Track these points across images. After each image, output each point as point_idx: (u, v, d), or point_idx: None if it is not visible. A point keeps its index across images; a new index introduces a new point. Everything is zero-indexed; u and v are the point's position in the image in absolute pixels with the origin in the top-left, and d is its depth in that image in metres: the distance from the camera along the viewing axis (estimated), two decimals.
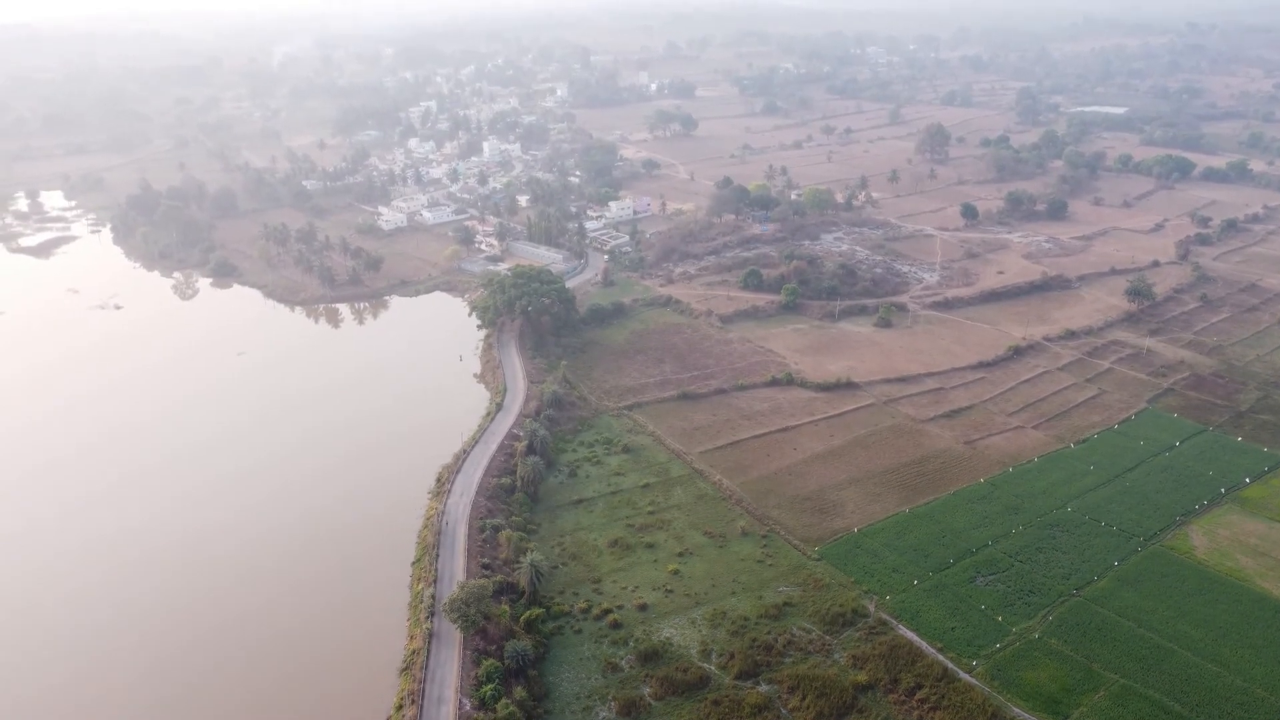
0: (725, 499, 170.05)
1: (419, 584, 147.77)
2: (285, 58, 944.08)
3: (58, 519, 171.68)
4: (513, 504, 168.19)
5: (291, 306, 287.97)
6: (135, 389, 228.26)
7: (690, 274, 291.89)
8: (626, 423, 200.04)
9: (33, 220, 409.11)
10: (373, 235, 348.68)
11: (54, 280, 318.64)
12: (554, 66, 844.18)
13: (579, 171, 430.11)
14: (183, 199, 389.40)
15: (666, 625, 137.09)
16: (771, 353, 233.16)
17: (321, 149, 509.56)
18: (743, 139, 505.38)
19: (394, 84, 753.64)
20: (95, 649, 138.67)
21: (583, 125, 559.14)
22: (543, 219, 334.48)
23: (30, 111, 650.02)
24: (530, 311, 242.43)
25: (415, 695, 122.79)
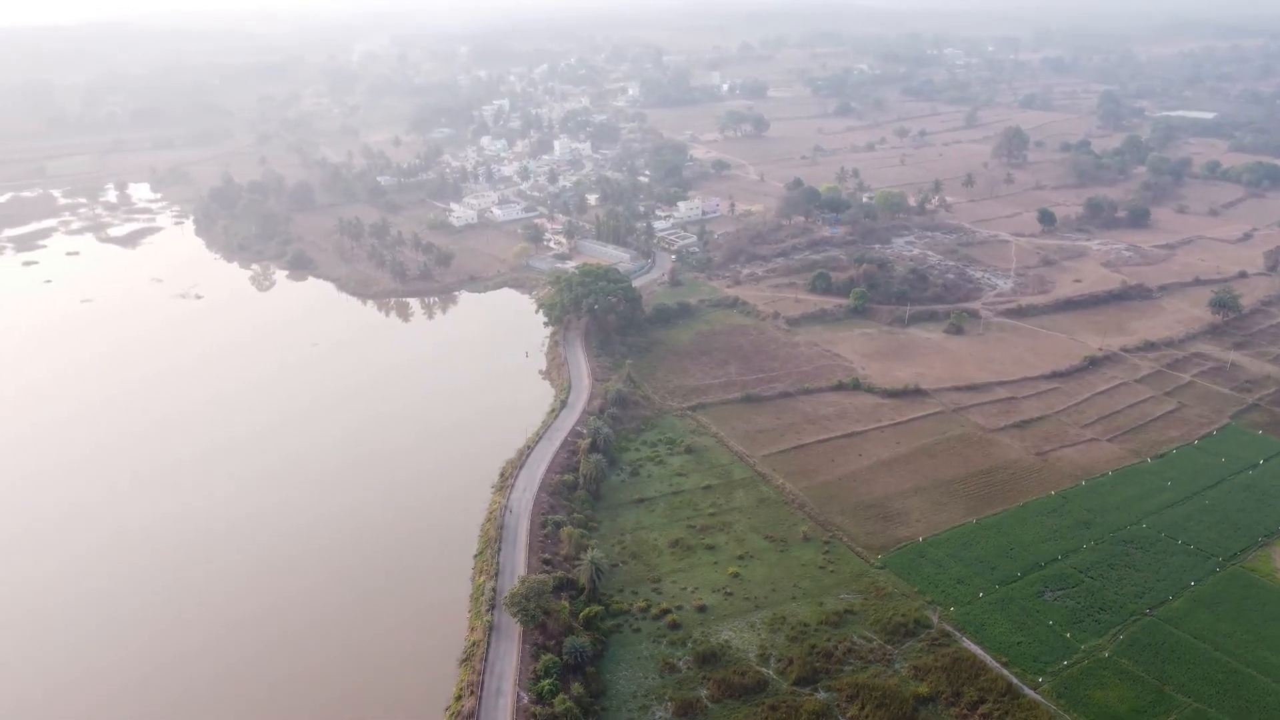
0: (787, 503, 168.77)
1: (480, 576, 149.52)
2: (364, 55, 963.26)
3: (131, 493, 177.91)
4: (575, 501, 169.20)
5: (364, 299, 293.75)
6: (210, 376, 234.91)
7: (758, 275, 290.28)
8: (690, 423, 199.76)
9: (121, 211, 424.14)
10: (444, 231, 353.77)
11: (139, 269, 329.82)
12: (626, 66, 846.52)
13: (648, 171, 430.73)
14: (262, 193, 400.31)
15: (725, 628, 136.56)
16: (838, 357, 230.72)
17: (396, 145, 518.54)
18: (814, 140, 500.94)
19: (468, 82, 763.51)
20: (161, 632, 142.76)
21: (653, 125, 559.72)
22: (611, 218, 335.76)
23: (121, 106, 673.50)
24: (596, 310, 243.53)
25: (475, 686, 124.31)
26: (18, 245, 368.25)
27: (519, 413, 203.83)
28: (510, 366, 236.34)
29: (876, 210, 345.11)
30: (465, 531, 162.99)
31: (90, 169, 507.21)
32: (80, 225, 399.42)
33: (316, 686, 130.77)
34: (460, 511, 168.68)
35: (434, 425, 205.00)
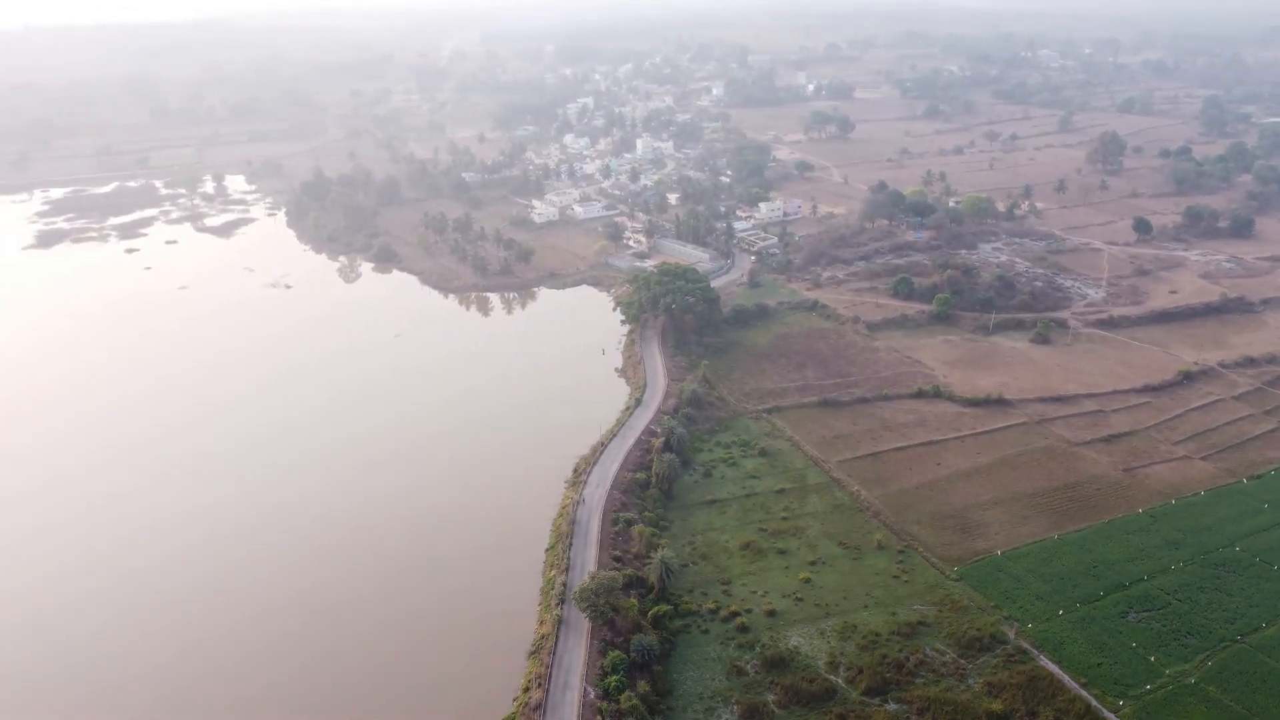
0: (862, 510, 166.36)
1: (551, 570, 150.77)
2: (453, 53, 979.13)
3: (201, 472, 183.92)
4: (646, 499, 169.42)
5: (445, 293, 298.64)
6: (293, 362, 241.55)
7: (838, 279, 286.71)
8: (765, 426, 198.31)
9: (217, 202, 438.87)
10: (525, 227, 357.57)
11: (233, 259, 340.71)
12: (711, 65, 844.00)
13: (730, 171, 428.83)
14: (351, 186, 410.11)
15: (794, 633, 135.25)
16: (919, 363, 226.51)
17: (481, 142, 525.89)
18: (900, 143, 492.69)
19: (554, 80, 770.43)
20: (233, 616, 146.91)
21: (737, 125, 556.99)
22: (691, 217, 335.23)
23: (221, 100, 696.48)
24: (674, 309, 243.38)
25: (542, 679, 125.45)
26: (121, 233, 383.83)
27: (593, 409, 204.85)
28: (586, 363, 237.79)
29: (963, 215, 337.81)
30: (537, 525, 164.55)
31: (190, 161, 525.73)
32: (179, 215, 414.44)
33: (388, 672, 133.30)
34: (533, 505, 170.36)
35: (509, 419, 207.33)
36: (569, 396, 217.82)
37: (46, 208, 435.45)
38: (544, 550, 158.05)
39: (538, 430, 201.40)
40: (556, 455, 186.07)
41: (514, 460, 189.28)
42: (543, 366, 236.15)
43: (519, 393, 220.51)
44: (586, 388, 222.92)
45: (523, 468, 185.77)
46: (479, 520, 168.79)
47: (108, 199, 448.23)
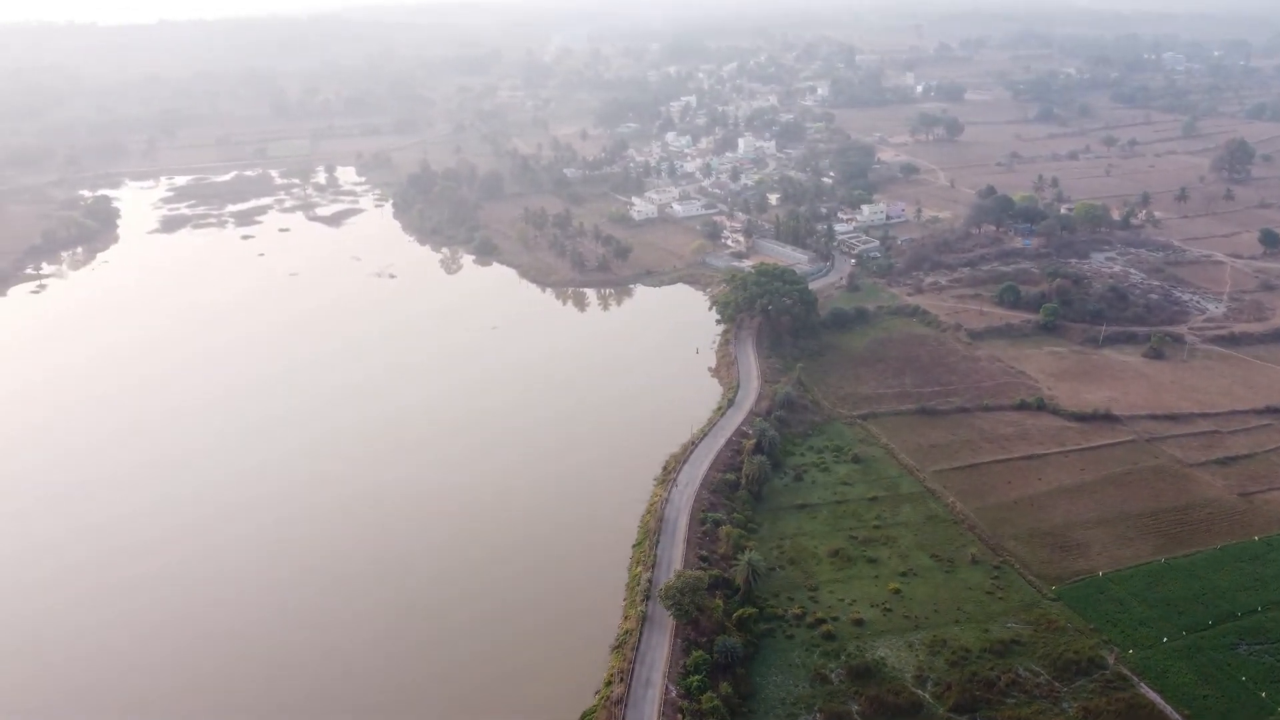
0: (957, 523, 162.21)
1: (637, 567, 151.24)
2: (559, 50, 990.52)
3: (306, 459, 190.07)
4: (735, 501, 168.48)
5: (543, 287, 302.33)
6: (394, 350, 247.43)
7: (941, 285, 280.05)
8: (859, 432, 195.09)
9: (329, 193, 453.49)
10: (623, 224, 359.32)
11: (341, 248, 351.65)
12: (817, 65, 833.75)
13: (833, 172, 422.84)
14: (456, 180, 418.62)
15: (882, 644, 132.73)
16: (1023, 374, 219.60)
17: (584, 139, 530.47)
18: (1011, 146, 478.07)
19: (657, 78, 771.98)
20: (331, 601, 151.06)
21: (841, 125, 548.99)
22: (791, 218, 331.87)
23: (335, 94, 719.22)
24: (770, 310, 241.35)
25: (625, 674, 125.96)
26: (238, 220, 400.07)
27: (685, 408, 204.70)
28: (680, 362, 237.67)
29: (1075, 222, 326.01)
30: (625, 521, 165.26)
31: (304, 152, 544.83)
32: (292, 204, 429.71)
33: (474, 659, 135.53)
34: (622, 500, 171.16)
35: (601, 414, 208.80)
36: (661, 394, 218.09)
37: (171, 194, 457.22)
38: (631, 546, 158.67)
39: (629, 427, 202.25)
40: (647, 452, 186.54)
41: (604, 456, 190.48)
42: (636, 363, 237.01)
43: (611, 389, 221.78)
44: (679, 386, 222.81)
45: (613, 463, 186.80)
46: (568, 513, 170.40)
47: (227, 187, 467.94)
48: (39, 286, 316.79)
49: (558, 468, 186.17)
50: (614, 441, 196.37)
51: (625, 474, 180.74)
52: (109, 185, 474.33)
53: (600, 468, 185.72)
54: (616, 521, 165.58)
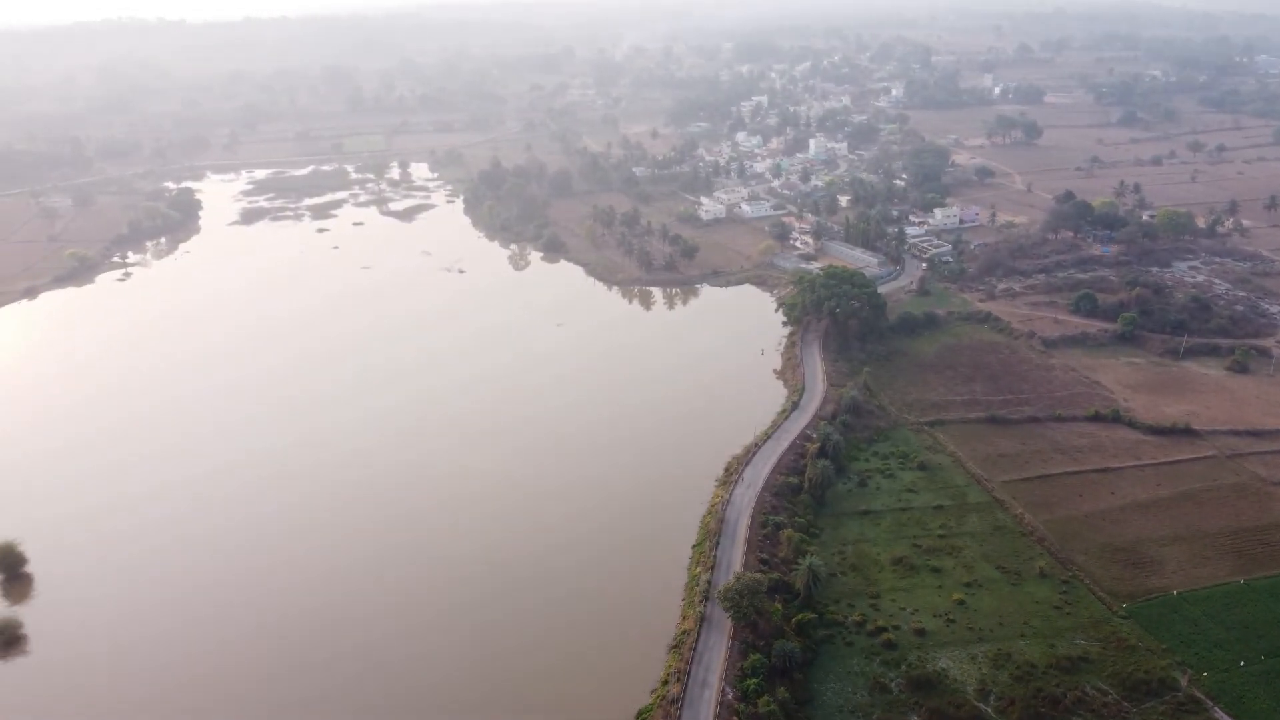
0: (1025, 534, 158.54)
1: (697, 567, 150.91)
2: (631, 49, 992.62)
3: (366, 448, 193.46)
4: (797, 504, 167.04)
5: (609, 285, 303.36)
6: (460, 344, 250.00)
7: (1014, 291, 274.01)
8: (925, 439, 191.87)
9: (402, 188, 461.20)
10: (691, 224, 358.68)
11: (413, 243, 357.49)
12: (892, 65, 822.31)
13: (905, 174, 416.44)
14: (525, 177, 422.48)
15: (944, 655, 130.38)
16: (1098, 385, 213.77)
17: (654, 138, 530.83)
18: (1092, 151, 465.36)
19: (729, 78, 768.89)
20: (377, 595, 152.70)
21: (915, 127, 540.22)
22: (861, 220, 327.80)
23: (410, 91, 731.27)
24: (838, 313, 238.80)
25: (681, 674, 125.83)
26: (314, 214, 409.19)
27: (749, 410, 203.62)
28: (744, 363, 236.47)
29: (1157, 230, 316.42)
30: (686, 520, 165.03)
31: (379, 147, 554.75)
32: (366, 199, 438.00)
33: (529, 654, 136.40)
34: (682, 500, 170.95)
35: (664, 413, 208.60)
36: (725, 395, 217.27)
37: (250, 187, 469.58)
38: (691, 546, 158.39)
39: (692, 427, 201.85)
40: (709, 453, 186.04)
41: (666, 455, 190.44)
42: (700, 363, 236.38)
43: (675, 388, 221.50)
44: (743, 387, 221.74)
45: (675, 463, 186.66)
46: (628, 511, 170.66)
47: (304, 181, 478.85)
48: (125, 274, 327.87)
49: (619, 465, 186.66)
50: (676, 441, 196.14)
51: (687, 474, 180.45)
52: (192, 178, 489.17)
53: (662, 467, 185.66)
54: (676, 521, 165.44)
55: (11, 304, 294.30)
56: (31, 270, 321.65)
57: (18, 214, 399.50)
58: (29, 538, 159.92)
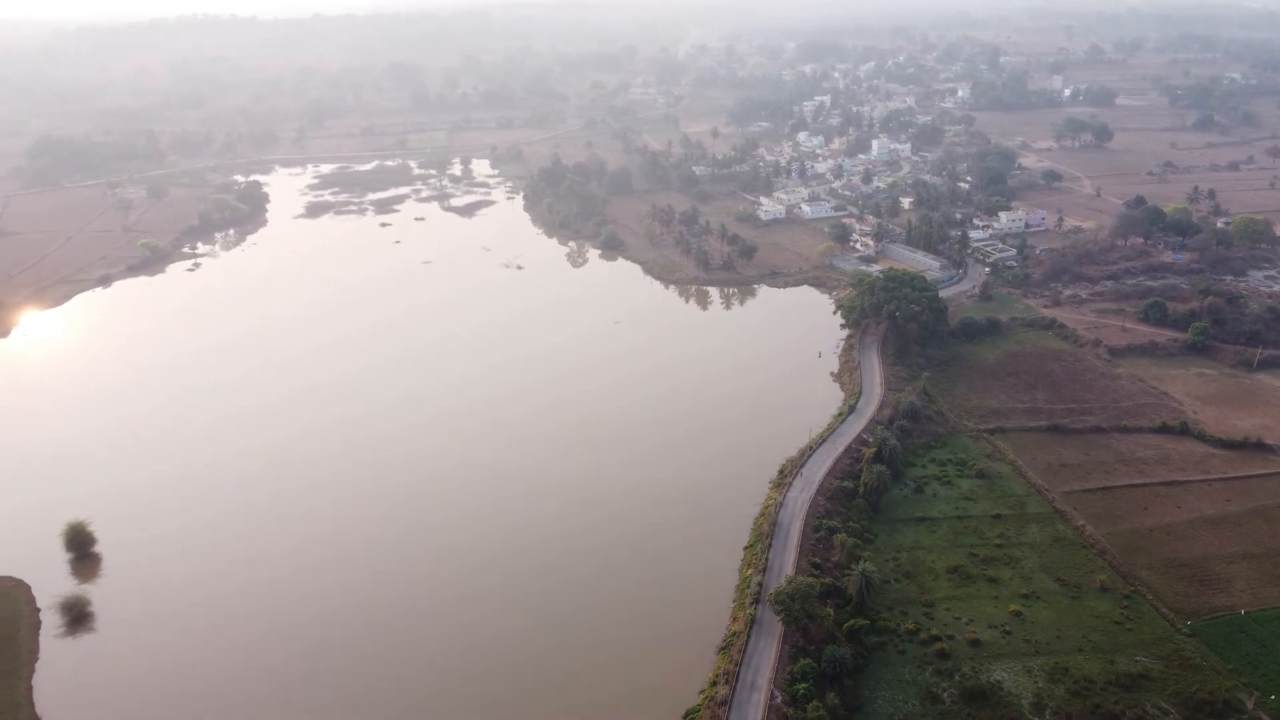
0: (1086, 547, 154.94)
1: (748, 569, 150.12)
2: (693, 48, 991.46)
3: (423, 441, 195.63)
4: (852, 509, 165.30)
5: (667, 284, 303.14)
6: (516, 341, 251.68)
7: (1080, 298, 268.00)
8: (985, 446, 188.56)
9: (463, 184, 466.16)
10: (750, 224, 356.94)
11: (472, 238, 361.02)
12: (958, 66, 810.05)
13: (970, 177, 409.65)
14: (585, 175, 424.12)
15: (999, 667, 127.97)
16: (1166, 396, 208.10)
17: (715, 137, 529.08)
18: (1165, 155, 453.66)
19: (791, 77, 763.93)
20: (426, 591, 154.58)
21: (981, 129, 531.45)
22: (924, 223, 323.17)
23: (473, 88, 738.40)
24: (897, 317, 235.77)
25: (730, 675, 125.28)
26: (377, 208, 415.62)
27: (804, 412, 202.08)
28: (801, 365, 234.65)
29: (1232, 238, 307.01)
30: (738, 522, 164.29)
31: (442, 144, 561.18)
32: (428, 194, 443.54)
33: (577, 649, 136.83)
34: (735, 501, 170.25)
35: (718, 413, 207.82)
36: (781, 397, 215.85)
37: (316, 181, 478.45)
38: (742, 548, 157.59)
39: (746, 428, 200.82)
40: (763, 454, 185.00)
41: (720, 455, 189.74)
42: (756, 365, 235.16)
43: (730, 389, 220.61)
44: (799, 389, 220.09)
45: (728, 463, 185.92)
46: (681, 511, 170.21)
47: (368, 176, 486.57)
48: (194, 265, 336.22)
49: (673, 464, 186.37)
50: (730, 442, 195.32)
51: (740, 475, 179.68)
52: (261, 171, 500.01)
53: (715, 467, 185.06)
54: (728, 522, 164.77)
55: (87, 291, 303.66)
56: (107, 259, 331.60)
57: (95, 204, 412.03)
58: (98, 518, 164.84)
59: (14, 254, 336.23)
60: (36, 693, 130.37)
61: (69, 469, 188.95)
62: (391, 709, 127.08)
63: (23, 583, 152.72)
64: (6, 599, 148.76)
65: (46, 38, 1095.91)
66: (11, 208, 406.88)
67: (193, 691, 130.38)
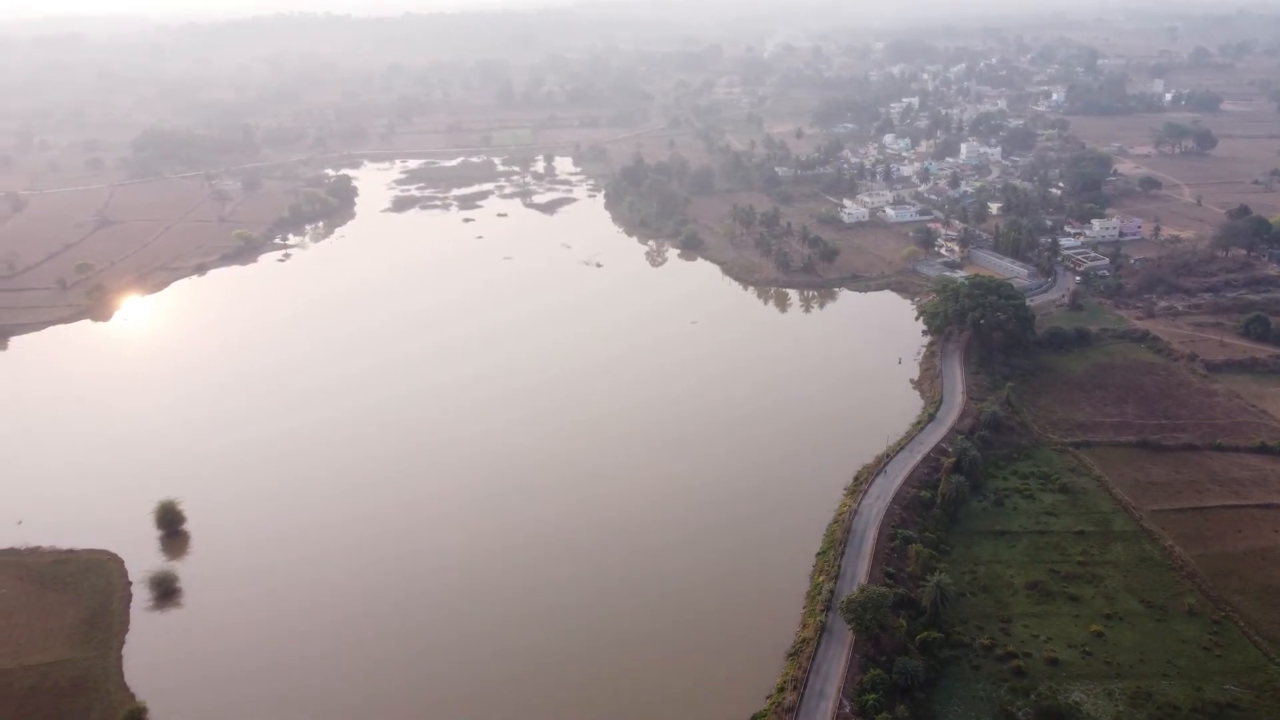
0: (1174, 569, 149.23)
1: (820, 576, 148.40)
2: (779, 47, 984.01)
3: (490, 438, 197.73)
4: (928, 519, 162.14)
5: (745, 285, 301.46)
6: (592, 342, 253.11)
7: (1176, 310, 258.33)
8: (1069, 460, 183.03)
9: (546, 181, 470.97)
10: (832, 226, 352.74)
11: (553, 235, 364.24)
12: (1053, 69, 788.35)
13: (1062, 183, 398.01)
14: (667, 174, 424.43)
15: (1077, 689, 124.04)
16: (1265, 414, 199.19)
17: (798, 138, 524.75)
18: (1272, 163, 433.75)
19: (879, 78, 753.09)
20: (494, 591, 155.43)
21: (1075, 133, 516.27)
22: (1012, 229, 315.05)
23: (559, 86, 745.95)
24: (982, 325, 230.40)
25: (798, 682, 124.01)
26: (461, 203, 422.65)
27: (882, 419, 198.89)
28: (880, 371, 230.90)
29: None
30: (811, 527, 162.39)
31: (526, 141, 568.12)
32: (511, 190, 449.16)
33: (644, 649, 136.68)
34: (809, 506, 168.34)
35: (794, 418, 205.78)
36: (858, 402, 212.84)
37: (403, 176, 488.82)
38: (814, 553, 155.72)
39: (822, 433, 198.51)
40: (838, 460, 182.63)
41: (795, 459, 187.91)
42: (835, 368, 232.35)
43: (807, 392, 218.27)
44: (878, 396, 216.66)
45: (803, 468, 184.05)
46: (753, 513, 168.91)
47: (453, 172, 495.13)
48: (284, 255, 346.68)
49: (747, 467, 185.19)
50: (805, 446, 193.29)
51: (814, 480, 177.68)
52: (350, 165, 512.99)
53: (789, 471, 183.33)
54: (801, 527, 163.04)
55: (184, 279, 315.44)
56: (203, 248, 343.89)
57: (194, 195, 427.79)
58: (188, 497, 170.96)
59: (118, 241, 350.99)
60: (126, 663, 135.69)
61: (163, 448, 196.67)
62: (467, 693, 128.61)
63: (116, 556, 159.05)
64: (101, 571, 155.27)
65: (153, 34, 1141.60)
66: (117, 197, 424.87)
67: (271, 670, 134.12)
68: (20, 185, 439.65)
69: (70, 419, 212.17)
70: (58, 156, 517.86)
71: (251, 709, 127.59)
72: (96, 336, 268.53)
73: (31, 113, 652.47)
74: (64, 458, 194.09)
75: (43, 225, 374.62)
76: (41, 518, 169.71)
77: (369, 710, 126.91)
